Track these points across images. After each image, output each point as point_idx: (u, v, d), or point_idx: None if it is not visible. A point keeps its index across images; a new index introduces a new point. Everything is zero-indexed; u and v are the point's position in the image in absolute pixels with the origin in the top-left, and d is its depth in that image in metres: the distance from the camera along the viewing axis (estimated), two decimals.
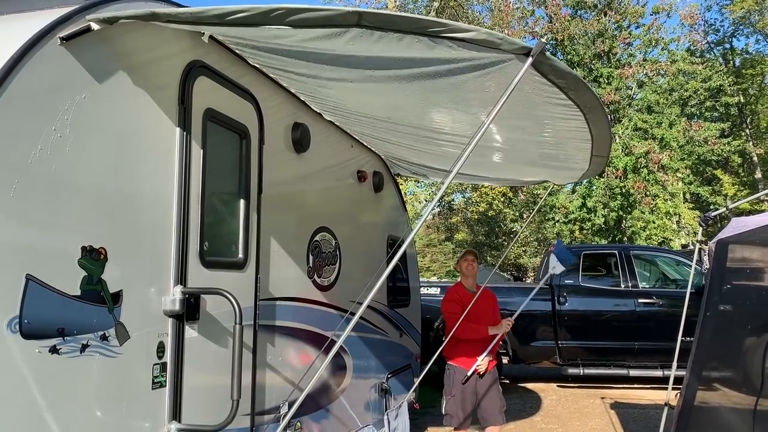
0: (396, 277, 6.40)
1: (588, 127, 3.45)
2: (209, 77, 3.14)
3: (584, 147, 3.93)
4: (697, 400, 4.31)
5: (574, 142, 3.84)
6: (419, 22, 2.42)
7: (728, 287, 4.60)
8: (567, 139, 3.84)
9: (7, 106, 2.09)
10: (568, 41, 20.07)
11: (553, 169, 4.95)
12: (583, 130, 3.51)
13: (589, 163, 4.37)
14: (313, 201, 4.50)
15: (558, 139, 3.95)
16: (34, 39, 2.22)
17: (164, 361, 2.78)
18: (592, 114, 3.24)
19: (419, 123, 4.22)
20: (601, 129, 3.53)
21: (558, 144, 4.07)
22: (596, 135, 3.61)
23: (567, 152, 4.23)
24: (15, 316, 2.07)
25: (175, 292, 2.83)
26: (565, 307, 9.35)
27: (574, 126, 3.47)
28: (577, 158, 4.31)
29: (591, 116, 3.26)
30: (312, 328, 4.25)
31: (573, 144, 3.92)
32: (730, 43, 28.82)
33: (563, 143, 4.01)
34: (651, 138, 18.69)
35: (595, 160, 4.26)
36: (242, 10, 2.35)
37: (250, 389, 3.43)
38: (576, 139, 3.77)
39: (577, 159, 4.35)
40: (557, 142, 4.01)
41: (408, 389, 6.13)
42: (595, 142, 3.78)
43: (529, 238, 26.32)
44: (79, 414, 2.34)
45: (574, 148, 4.01)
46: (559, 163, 4.68)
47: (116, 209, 2.54)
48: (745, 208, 16.55)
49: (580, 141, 3.79)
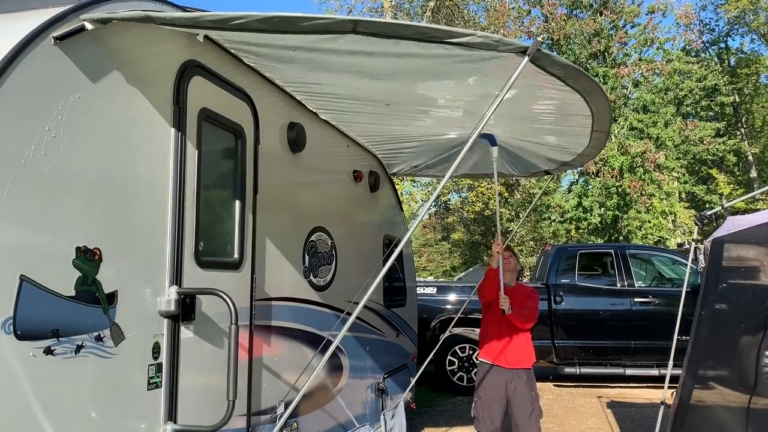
0: (392, 277, 6.40)
1: (588, 105, 3.48)
2: (204, 77, 3.13)
3: (585, 123, 3.95)
4: (693, 398, 4.32)
5: (574, 117, 3.86)
6: (415, 29, 2.44)
7: (724, 286, 4.61)
8: (567, 115, 3.85)
9: (1, 106, 2.08)
10: (564, 41, 20.11)
11: (552, 147, 4.92)
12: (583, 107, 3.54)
13: (590, 138, 4.36)
14: (309, 201, 4.50)
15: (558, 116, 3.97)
16: (27, 38, 2.21)
17: (160, 361, 2.77)
18: (591, 96, 3.28)
19: (419, 108, 4.21)
20: (600, 105, 3.55)
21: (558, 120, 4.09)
22: (596, 110, 3.63)
23: (567, 127, 4.22)
24: (9, 317, 2.06)
25: (171, 292, 2.82)
26: (561, 307, 9.37)
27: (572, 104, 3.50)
28: (578, 134, 4.31)
29: (590, 97, 3.31)
30: (308, 329, 4.25)
31: (573, 119, 3.94)
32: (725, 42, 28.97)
33: (563, 119, 4.02)
34: (647, 137, 18.74)
35: (596, 135, 4.25)
36: (240, 17, 2.34)
37: (246, 390, 3.43)
38: (576, 115, 3.78)
39: (577, 135, 4.34)
40: (557, 118, 4.03)
41: (404, 389, 6.13)
42: (595, 117, 3.79)
43: (525, 237, 26.37)
44: (74, 415, 2.33)
45: (575, 123, 4.02)
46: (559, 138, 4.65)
47: (111, 209, 2.53)
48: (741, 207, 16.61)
49: (581, 117, 3.80)
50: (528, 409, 4.74)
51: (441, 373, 9.34)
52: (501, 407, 4.78)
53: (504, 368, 4.79)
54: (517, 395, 4.76)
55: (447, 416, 7.82)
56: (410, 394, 6.28)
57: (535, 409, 4.78)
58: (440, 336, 8.04)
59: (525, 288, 5.13)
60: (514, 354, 4.81)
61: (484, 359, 4.91)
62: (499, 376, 4.80)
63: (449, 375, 9.33)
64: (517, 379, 4.78)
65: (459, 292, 9.92)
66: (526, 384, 4.79)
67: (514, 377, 4.78)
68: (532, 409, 4.76)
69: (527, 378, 4.83)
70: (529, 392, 4.79)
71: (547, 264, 9.89)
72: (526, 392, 4.77)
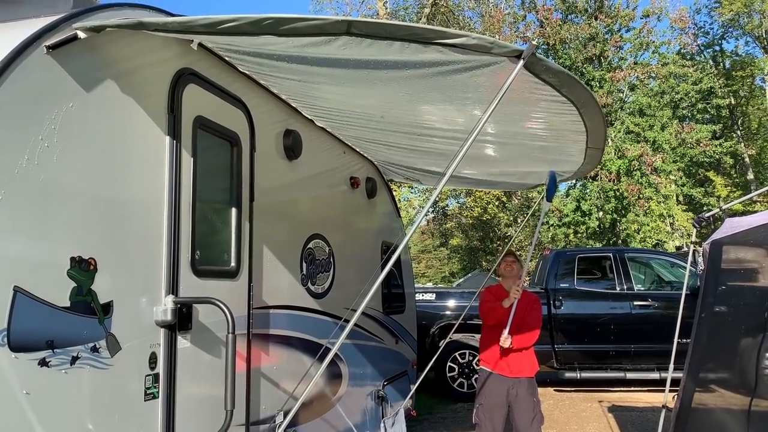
0: (391, 284, 6.38)
1: (582, 120, 3.46)
2: (199, 85, 3.12)
3: (579, 139, 3.94)
4: (694, 401, 4.30)
5: (569, 134, 3.85)
6: (409, 29, 2.42)
7: (723, 288, 4.60)
8: (561, 131, 3.84)
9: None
10: (560, 45, 20.17)
11: (549, 163, 4.93)
12: (578, 122, 3.52)
13: (584, 155, 4.36)
14: (306, 208, 4.48)
15: (552, 133, 3.96)
16: (20, 48, 2.19)
17: (156, 372, 2.74)
18: (585, 108, 3.26)
19: (413, 120, 4.22)
20: (595, 122, 3.54)
21: (552, 138, 4.08)
22: (591, 127, 3.62)
23: (562, 145, 4.22)
24: (3, 328, 2.04)
25: (167, 302, 2.80)
26: (560, 311, 9.35)
27: (568, 120, 3.49)
28: (573, 151, 4.30)
29: (585, 110, 3.28)
30: (306, 336, 4.22)
31: (568, 137, 3.93)
32: (719, 45, 29.06)
33: (558, 137, 4.02)
34: (643, 141, 18.78)
35: (590, 152, 4.25)
36: (232, 19, 2.33)
37: (245, 399, 3.40)
38: (570, 131, 3.78)
39: (572, 152, 4.34)
40: (552, 135, 4.02)
41: (404, 396, 6.10)
42: (589, 134, 3.78)
43: (524, 242, 26.36)
44: (70, 427, 2.30)
45: (569, 140, 4.01)
46: (554, 156, 4.66)
47: (105, 219, 2.52)
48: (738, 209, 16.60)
49: (575, 133, 3.80)
50: (530, 416, 4.70)
51: (441, 380, 9.30)
52: (502, 414, 4.74)
53: (505, 376, 4.76)
54: (519, 402, 4.72)
55: (448, 423, 7.79)
56: (410, 401, 6.25)
57: (537, 415, 4.74)
58: (440, 342, 8.00)
59: (529, 296, 5.04)
60: (515, 363, 4.77)
61: (485, 366, 4.88)
62: (500, 384, 4.76)
63: (449, 381, 9.29)
64: (518, 386, 4.74)
65: (458, 298, 9.90)
66: (527, 390, 4.75)
67: (515, 384, 4.74)
68: (533, 416, 4.71)
69: (528, 385, 4.78)
70: (531, 398, 4.74)
71: (546, 268, 9.87)
72: (528, 399, 4.73)
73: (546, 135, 4.05)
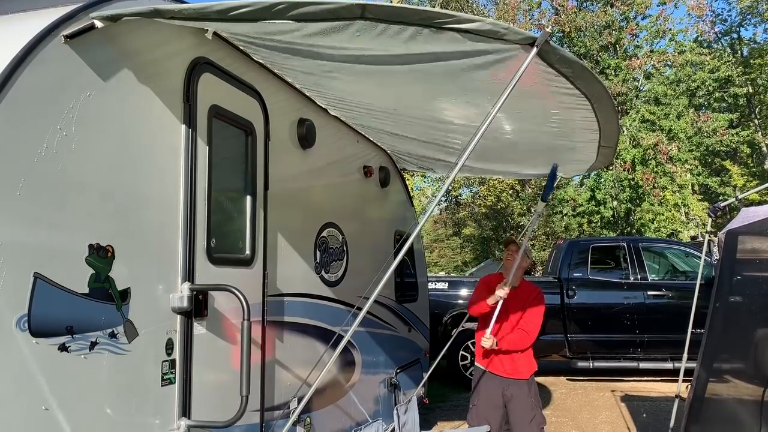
0: (404, 272, 6.40)
1: (596, 117, 3.43)
2: (214, 74, 3.14)
3: (592, 138, 3.91)
4: (708, 392, 4.28)
5: (582, 132, 3.83)
6: (424, 14, 2.42)
7: (738, 278, 4.57)
8: (574, 129, 3.82)
9: (12, 105, 2.09)
10: (575, 33, 19.99)
11: (561, 159, 4.92)
12: (591, 119, 3.49)
13: (597, 153, 4.34)
14: (320, 197, 4.50)
15: (565, 129, 3.93)
16: (37, 37, 2.22)
17: (173, 357, 2.79)
18: (599, 104, 3.22)
19: (425, 114, 4.21)
20: (608, 119, 3.51)
21: (565, 134, 4.06)
22: (604, 125, 3.59)
23: (574, 142, 4.20)
24: (24, 314, 2.08)
25: (183, 289, 2.84)
26: (573, 300, 9.33)
27: (581, 116, 3.46)
28: (585, 148, 4.29)
29: (598, 105, 3.25)
30: (320, 324, 4.26)
31: (581, 134, 3.91)
32: (737, 33, 28.58)
33: (570, 133, 4.00)
34: (659, 130, 18.60)
35: (603, 150, 4.23)
36: (245, 5, 2.34)
37: (259, 385, 3.44)
38: (583, 129, 3.75)
39: (584, 149, 4.32)
40: (564, 132, 4.00)
41: (417, 384, 6.13)
42: (602, 132, 3.76)
43: (537, 231, 26.25)
44: (88, 411, 2.35)
45: (582, 138, 3.99)
46: (567, 153, 4.65)
47: (123, 207, 2.55)
48: (755, 199, 16.43)
49: (588, 131, 3.77)
50: (528, 416, 4.40)
51: (453, 368, 9.34)
52: (498, 415, 4.44)
53: (499, 376, 4.47)
54: (515, 402, 4.43)
55: (460, 411, 7.80)
56: (423, 389, 6.28)
57: (536, 416, 4.43)
58: (452, 331, 8.02)
59: (531, 288, 4.64)
60: (510, 363, 4.47)
61: (479, 364, 4.59)
62: (494, 383, 4.48)
63: (462, 370, 9.32)
64: (513, 387, 4.44)
65: (471, 287, 9.88)
66: (524, 390, 4.45)
67: (510, 384, 4.45)
68: (532, 416, 4.41)
69: (526, 385, 4.47)
70: (528, 399, 4.44)
71: (560, 258, 9.84)
72: (525, 399, 4.43)
73: (558, 131, 4.01)
